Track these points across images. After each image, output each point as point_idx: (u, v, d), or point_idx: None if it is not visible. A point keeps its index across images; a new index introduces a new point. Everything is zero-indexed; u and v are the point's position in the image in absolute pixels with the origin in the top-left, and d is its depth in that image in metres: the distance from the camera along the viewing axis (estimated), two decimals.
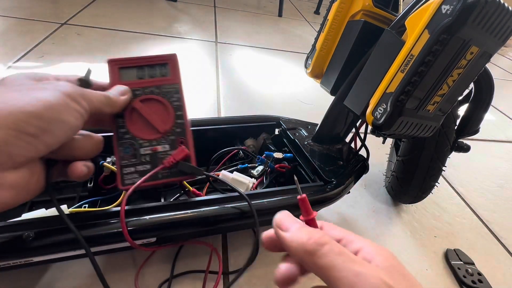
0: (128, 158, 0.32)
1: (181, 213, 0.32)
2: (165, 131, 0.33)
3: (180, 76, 0.36)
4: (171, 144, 0.33)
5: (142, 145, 0.32)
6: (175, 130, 0.33)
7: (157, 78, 0.35)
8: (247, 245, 0.44)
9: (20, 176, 0.23)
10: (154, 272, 0.38)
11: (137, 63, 0.35)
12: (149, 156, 0.32)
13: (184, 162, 0.32)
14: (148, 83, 0.34)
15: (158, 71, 0.35)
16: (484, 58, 0.31)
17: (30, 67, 0.77)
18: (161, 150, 0.33)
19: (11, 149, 0.22)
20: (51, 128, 0.23)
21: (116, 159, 0.32)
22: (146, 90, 0.34)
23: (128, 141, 0.32)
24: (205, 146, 0.41)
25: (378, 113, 0.32)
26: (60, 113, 0.24)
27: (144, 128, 0.33)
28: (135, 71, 0.35)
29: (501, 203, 0.65)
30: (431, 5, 0.28)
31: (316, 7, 1.82)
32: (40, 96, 0.23)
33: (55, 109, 0.24)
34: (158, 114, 0.33)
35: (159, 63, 0.36)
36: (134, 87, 0.34)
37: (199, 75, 0.90)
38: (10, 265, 0.28)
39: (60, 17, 1.05)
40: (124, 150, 0.32)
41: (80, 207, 0.38)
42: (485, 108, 0.43)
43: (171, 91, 0.35)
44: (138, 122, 0.33)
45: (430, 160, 0.46)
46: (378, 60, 0.33)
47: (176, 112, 0.34)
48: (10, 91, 0.24)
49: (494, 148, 0.87)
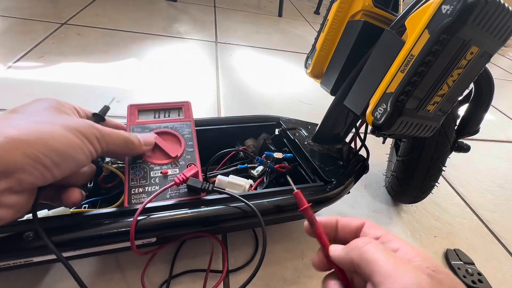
0: (138, 179, 0.34)
1: (182, 213, 0.32)
2: (176, 157, 0.36)
3: (192, 116, 0.41)
4: (181, 168, 0.36)
5: (153, 169, 0.35)
6: (185, 157, 0.37)
7: (172, 118, 0.40)
8: (247, 245, 0.44)
9: (22, 199, 0.25)
10: (155, 272, 0.38)
11: (154, 107, 0.41)
12: (159, 178, 0.34)
13: (194, 178, 0.33)
14: (165, 121, 0.40)
15: (174, 113, 0.41)
16: (484, 58, 0.31)
17: (30, 67, 0.77)
18: (171, 173, 0.35)
19: (24, 176, 0.23)
20: (63, 163, 0.25)
21: (126, 180, 0.34)
22: (162, 126, 0.39)
23: (140, 165, 0.35)
24: (205, 146, 0.41)
25: (378, 113, 0.32)
26: (76, 152, 0.26)
27: (156, 155, 0.36)
28: (153, 113, 0.40)
29: (501, 203, 0.65)
30: (431, 5, 0.28)
31: (316, 7, 1.82)
32: (63, 133, 0.25)
33: (73, 148, 0.26)
34: (170, 143, 0.37)
35: (174, 107, 0.41)
36: (151, 124, 0.39)
37: (199, 75, 0.90)
38: (10, 265, 0.28)
39: (60, 17, 1.05)
40: (135, 172, 0.34)
41: (80, 208, 0.38)
42: (485, 108, 0.43)
43: (183, 127, 0.40)
44: (152, 150, 0.36)
45: (430, 160, 0.46)
46: (378, 60, 0.33)
47: (187, 142, 0.38)
48: (35, 119, 0.25)
49: (494, 148, 0.87)
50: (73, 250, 0.29)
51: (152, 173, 0.35)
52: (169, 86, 0.82)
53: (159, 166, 0.35)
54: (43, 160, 0.24)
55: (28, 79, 0.72)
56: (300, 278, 0.41)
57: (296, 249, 0.45)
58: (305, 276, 0.41)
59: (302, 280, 0.41)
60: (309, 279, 0.41)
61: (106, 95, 0.72)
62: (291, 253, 0.44)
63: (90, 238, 0.28)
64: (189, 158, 0.37)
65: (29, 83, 0.71)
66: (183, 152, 0.37)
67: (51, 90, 0.70)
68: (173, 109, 0.42)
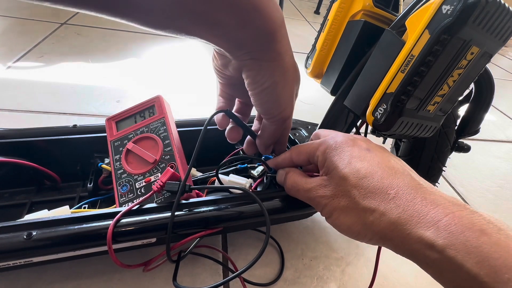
0: (126, 194, 0.34)
1: (182, 213, 0.32)
2: (155, 161, 0.36)
3: (165, 111, 0.40)
4: (162, 171, 0.35)
5: (137, 180, 0.35)
6: (164, 158, 0.36)
7: (146, 119, 0.40)
8: (247, 245, 0.44)
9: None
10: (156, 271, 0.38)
11: (129, 113, 0.41)
12: (144, 187, 0.34)
13: (171, 182, 0.31)
14: (140, 125, 0.39)
15: (147, 113, 0.41)
16: (484, 58, 0.31)
17: (30, 67, 0.77)
18: (154, 179, 0.35)
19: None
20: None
21: (116, 197, 0.34)
22: (138, 131, 0.39)
23: (125, 179, 0.35)
24: (205, 146, 0.40)
25: (378, 113, 0.32)
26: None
27: (138, 164, 0.36)
28: (128, 120, 0.41)
29: (501, 203, 0.65)
30: (432, 5, 0.28)
31: (316, 7, 1.81)
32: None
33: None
34: (148, 149, 0.37)
35: (147, 106, 0.41)
36: (128, 133, 0.39)
37: (199, 75, 0.90)
38: (10, 265, 0.28)
39: (60, 17, 1.05)
40: (122, 188, 0.35)
41: (80, 208, 0.38)
42: (485, 108, 0.42)
43: (158, 126, 0.39)
44: (133, 161, 0.37)
45: (430, 160, 0.46)
46: (379, 60, 0.33)
47: (164, 141, 0.37)
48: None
49: (494, 148, 0.87)
50: (73, 251, 0.29)
51: (137, 184, 0.35)
52: (169, 86, 0.82)
53: (142, 175, 0.35)
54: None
55: (28, 79, 0.72)
56: (300, 278, 0.41)
57: (296, 249, 0.45)
58: (305, 276, 0.41)
59: (302, 280, 0.41)
60: (309, 279, 0.41)
61: (106, 95, 0.72)
62: (291, 253, 0.44)
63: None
64: (168, 158, 0.36)
65: (29, 83, 0.70)
66: (161, 153, 0.36)
67: (51, 90, 0.70)
68: (146, 109, 0.41)
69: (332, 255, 0.45)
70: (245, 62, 0.27)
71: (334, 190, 0.27)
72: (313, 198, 0.28)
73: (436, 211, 0.22)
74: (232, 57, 0.27)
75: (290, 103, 0.31)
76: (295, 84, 0.30)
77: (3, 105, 0.63)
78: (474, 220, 0.20)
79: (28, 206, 0.40)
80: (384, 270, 0.44)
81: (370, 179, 0.25)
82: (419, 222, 0.22)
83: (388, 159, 0.27)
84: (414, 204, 0.23)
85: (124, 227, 0.28)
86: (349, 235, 0.26)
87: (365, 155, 0.27)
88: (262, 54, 0.26)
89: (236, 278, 0.33)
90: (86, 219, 0.28)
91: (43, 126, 0.43)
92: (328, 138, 0.30)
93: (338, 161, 0.27)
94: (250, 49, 0.26)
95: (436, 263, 0.20)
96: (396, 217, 0.23)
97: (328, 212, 0.27)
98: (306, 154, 0.31)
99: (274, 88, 0.28)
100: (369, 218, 0.24)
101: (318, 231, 0.48)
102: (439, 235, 0.20)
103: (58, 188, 0.43)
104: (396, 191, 0.24)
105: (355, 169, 0.26)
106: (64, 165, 0.42)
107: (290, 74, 0.29)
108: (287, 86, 0.29)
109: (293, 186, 0.31)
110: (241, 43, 0.25)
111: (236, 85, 0.33)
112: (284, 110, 0.30)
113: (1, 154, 0.39)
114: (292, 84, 0.30)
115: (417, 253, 0.21)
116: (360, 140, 0.30)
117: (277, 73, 0.27)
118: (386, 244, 0.24)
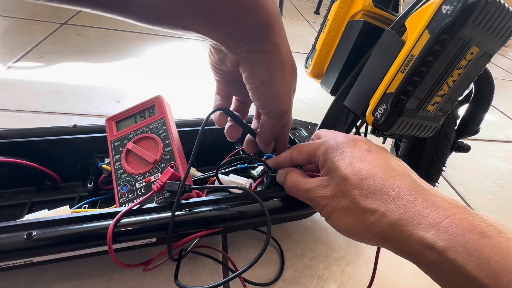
0: (126, 194, 0.34)
1: (182, 213, 0.32)
2: (155, 161, 0.36)
3: (165, 111, 0.40)
4: (162, 171, 0.35)
5: (137, 180, 0.35)
6: (164, 158, 0.36)
7: (146, 119, 0.40)
8: (247, 245, 0.44)
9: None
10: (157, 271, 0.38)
11: (129, 113, 0.41)
12: (144, 187, 0.34)
13: (172, 181, 0.31)
14: (140, 125, 0.39)
15: (147, 113, 0.41)
16: (484, 59, 0.31)
17: (30, 67, 0.77)
18: (154, 179, 0.35)
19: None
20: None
21: (116, 197, 0.34)
22: (138, 131, 0.39)
23: (126, 179, 0.35)
24: (205, 146, 0.41)
25: (378, 113, 0.32)
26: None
27: (138, 164, 0.36)
28: (128, 120, 0.41)
29: (501, 203, 0.65)
30: (432, 5, 0.28)
31: (316, 7, 1.81)
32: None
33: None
34: (148, 149, 0.37)
35: (147, 107, 0.41)
36: (129, 133, 0.39)
37: (199, 75, 0.90)
38: (10, 265, 0.28)
39: (60, 17, 1.05)
40: (122, 188, 0.35)
41: (80, 208, 0.38)
42: (485, 108, 0.42)
43: (158, 126, 0.39)
44: (133, 161, 0.37)
45: (430, 160, 0.46)
46: (378, 60, 0.33)
47: (164, 141, 0.37)
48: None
49: (494, 148, 0.87)
50: (73, 251, 0.29)
51: (137, 184, 0.35)
52: (170, 86, 0.82)
53: (142, 175, 0.35)
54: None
55: (28, 79, 0.72)
56: (300, 278, 0.41)
57: (296, 249, 0.45)
58: (305, 276, 0.42)
59: (302, 280, 0.41)
60: (309, 279, 0.41)
61: (106, 95, 0.72)
62: (291, 253, 0.44)
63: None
64: (168, 158, 0.36)
65: (29, 83, 0.71)
66: (161, 153, 0.36)
67: (51, 90, 0.70)
68: (146, 109, 0.41)
69: (332, 255, 0.45)
70: (242, 55, 0.27)
71: (334, 190, 0.27)
72: (313, 198, 0.28)
73: (437, 213, 0.22)
74: (228, 51, 0.27)
75: (288, 97, 0.30)
76: (292, 78, 0.30)
77: (3, 105, 0.63)
78: (474, 222, 0.20)
79: (28, 206, 0.40)
80: (383, 270, 0.44)
81: (371, 180, 0.25)
82: (420, 224, 0.22)
83: (389, 160, 0.27)
84: (415, 206, 0.23)
85: (124, 227, 0.28)
86: (349, 236, 0.26)
87: (366, 156, 0.27)
88: (259, 46, 0.26)
89: (236, 278, 0.33)
90: (86, 219, 0.29)
91: (43, 126, 0.43)
92: (329, 138, 0.30)
93: (339, 162, 0.27)
94: (246, 42, 0.25)
95: (436, 265, 0.20)
96: (397, 218, 0.23)
97: (328, 212, 0.27)
98: (306, 153, 0.31)
99: (272, 81, 0.28)
100: (370, 218, 0.24)
101: (318, 231, 0.48)
102: (440, 237, 0.20)
103: (58, 188, 0.43)
104: (397, 193, 0.24)
105: (356, 170, 0.26)
106: (64, 165, 0.42)
107: (287, 67, 0.28)
108: (285, 79, 0.29)
109: (293, 186, 0.31)
110: (237, 36, 0.25)
111: (233, 82, 0.33)
112: (283, 103, 0.30)
113: (1, 154, 0.39)
114: (290, 77, 0.29)
115: (417, 254, 0.21)
116: (361, 141, 0.30)
117: (275, 66, 0.27)
118: (386, 244, 0.24)
